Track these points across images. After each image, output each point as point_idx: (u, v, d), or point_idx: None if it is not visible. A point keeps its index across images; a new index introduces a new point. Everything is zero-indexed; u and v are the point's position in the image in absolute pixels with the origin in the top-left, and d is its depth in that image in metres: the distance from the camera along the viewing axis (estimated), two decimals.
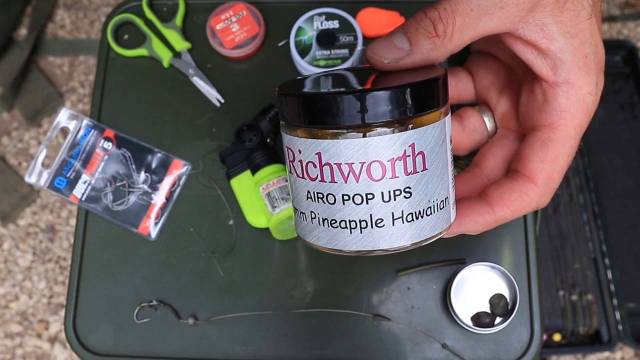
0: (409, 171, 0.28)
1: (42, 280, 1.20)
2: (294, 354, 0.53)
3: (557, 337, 1.11)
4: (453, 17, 0.30)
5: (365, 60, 0.32)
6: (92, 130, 0.59)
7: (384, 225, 0.29)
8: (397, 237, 0.29)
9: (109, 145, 0.59)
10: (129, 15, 0.62)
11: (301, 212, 0.32)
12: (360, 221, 0.29)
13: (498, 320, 0.52)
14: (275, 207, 0.53)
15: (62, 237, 1.23)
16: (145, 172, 0.58)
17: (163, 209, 0.57)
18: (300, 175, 0.30)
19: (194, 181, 0.58)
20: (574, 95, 0.32)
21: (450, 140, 0.31)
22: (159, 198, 0.57)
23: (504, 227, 0.56)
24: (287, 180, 0.53)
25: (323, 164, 0.28)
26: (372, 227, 0.29)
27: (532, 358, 0.52)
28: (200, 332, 0.54)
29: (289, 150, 0.31)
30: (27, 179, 0.58)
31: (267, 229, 0.55)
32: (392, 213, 0.29)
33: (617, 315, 1.10)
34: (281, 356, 0.53)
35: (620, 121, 1.24)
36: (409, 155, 0.28)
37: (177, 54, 0.61)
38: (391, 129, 0.28)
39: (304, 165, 0.29)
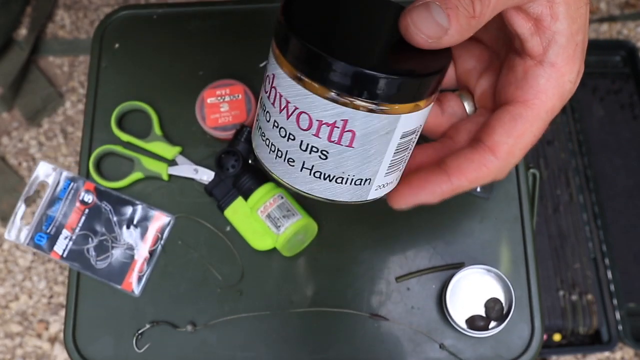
0: (332, 139, 0.29)
1: (42, 280, 1.20)
2: (296, 357, 0.53)
3: (557, 337, 1.10)
4: None
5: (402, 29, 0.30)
6: (72, 184, 0.58)
7: (293, 165, 0.31)
8: (300, 181, 0.31)
9: (89, 199, 0.57)
10: (107, 147, 0.58)
11: (256, 120, 0.34)
12: (278, 150, 0.31)
13: (493, 324, 0.52)
14: (279, 226, 0.52)
15: None
16: (127, 225, 0.56)
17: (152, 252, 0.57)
18: (263, 90, 0.31)
19: (183, 225, 0.57)
20: (555, 79, 0.32)
21: (408, 135, 0.31)
22: (143, 251, 0.56)
23: (502, 225, 0.56)
24: (283, 198, 0.53)
25: (273, 86, 0.30)
26: (284, 160, 0.31)
27: (534, 354, 0.52)
28: (201, 340, 0.54)
29: (266, 64, 0.31)
30: (6, 235, 0.56)
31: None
32: (304, 161, 0.30)
33: (617, 315, 1.10)
34: None
35: (620, 121, 1.24)
36: (338, 127, 0.29)
37: (172, 162, 0.58)
38: (332, 95, 0.28)
39: (268, 79, 0.31)
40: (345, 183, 0.31)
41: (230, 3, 0.64)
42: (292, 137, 0.30)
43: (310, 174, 0.31)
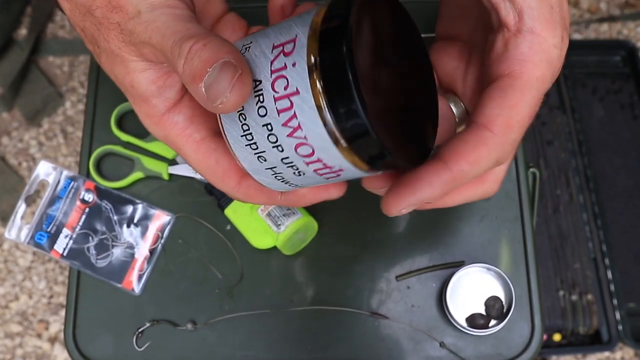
0: (318, 172, 0.29)
1: (42, 280, 1.20)
2: (296, 356, 0.53)
3: (557, 337, 1.10)
4: None
5: None
6: (72, 182, 0.58)
7: (262, 163, 0.30)
8: (257, 170, 0.31)
9: (89, 197, 0.57)
10: (107, 147, 0.58)
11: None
12: (255, 143, 0.29)
13: (493, 322, 0.52)
14: (280, 224, 0.52)
15: None
16: (127, 224, 0.57)
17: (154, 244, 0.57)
18: (269, 81, 0.27)
19: (184, 223, 0.57)
20: (537, 45, 0.30)
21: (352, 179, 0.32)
22: (143, 249, 0.56)
23: (502, 223, 0.56)
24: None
25: (291, 103, 0.27)
26: (254, 153, 0.29)
27: (534, 352, 0.52)
28: (201, 338, 0.54)
29: (291, 62, 0.27)
30: (6, 234, 0.56)
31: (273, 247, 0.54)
32: (275, 167, 0.29)
33: (617, 315, 1.10)
34: (283, 359, 0.53)
35: (620, 121, 1.24)
36: (330, 169, 0.28)
37: (172, 161, 0.58)
38: (339, 144, 0.27)
39: (284, 83, 0.27)
40: (287, 184, 0.31)
41: (230, 2, 0.64)
42: (281, 149, 0.28)
43: (272, 175, 0.30)
